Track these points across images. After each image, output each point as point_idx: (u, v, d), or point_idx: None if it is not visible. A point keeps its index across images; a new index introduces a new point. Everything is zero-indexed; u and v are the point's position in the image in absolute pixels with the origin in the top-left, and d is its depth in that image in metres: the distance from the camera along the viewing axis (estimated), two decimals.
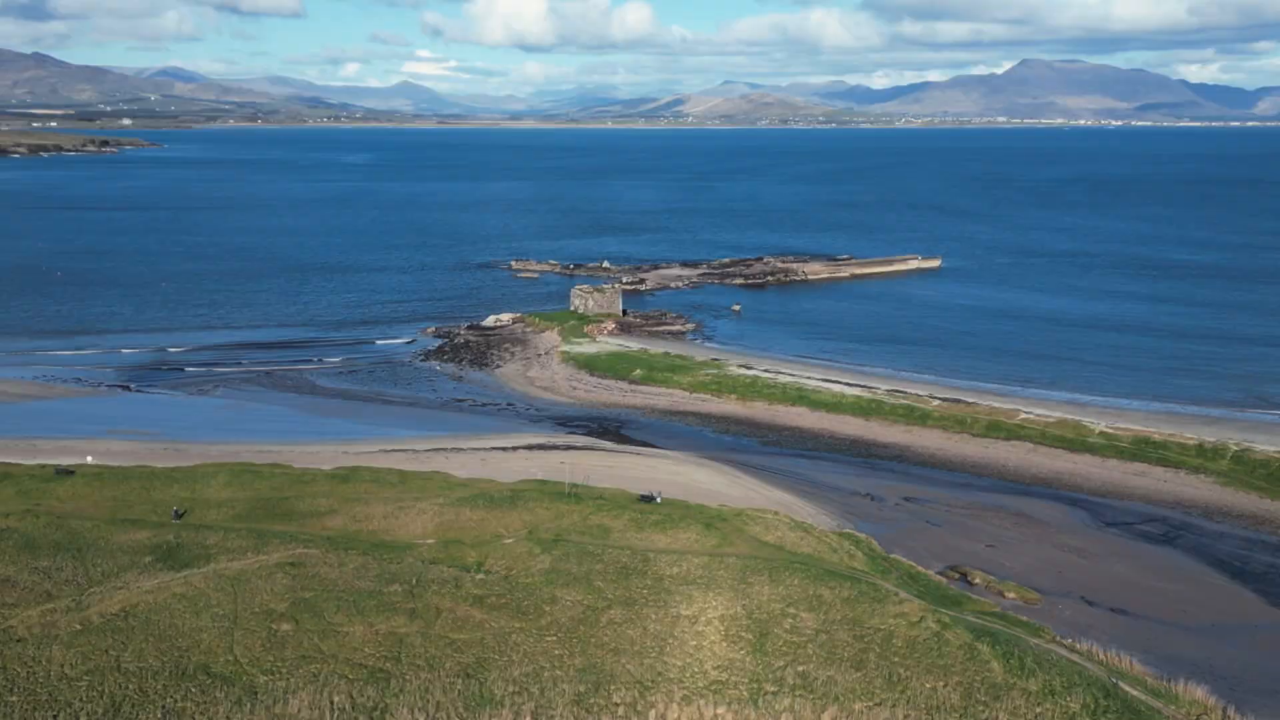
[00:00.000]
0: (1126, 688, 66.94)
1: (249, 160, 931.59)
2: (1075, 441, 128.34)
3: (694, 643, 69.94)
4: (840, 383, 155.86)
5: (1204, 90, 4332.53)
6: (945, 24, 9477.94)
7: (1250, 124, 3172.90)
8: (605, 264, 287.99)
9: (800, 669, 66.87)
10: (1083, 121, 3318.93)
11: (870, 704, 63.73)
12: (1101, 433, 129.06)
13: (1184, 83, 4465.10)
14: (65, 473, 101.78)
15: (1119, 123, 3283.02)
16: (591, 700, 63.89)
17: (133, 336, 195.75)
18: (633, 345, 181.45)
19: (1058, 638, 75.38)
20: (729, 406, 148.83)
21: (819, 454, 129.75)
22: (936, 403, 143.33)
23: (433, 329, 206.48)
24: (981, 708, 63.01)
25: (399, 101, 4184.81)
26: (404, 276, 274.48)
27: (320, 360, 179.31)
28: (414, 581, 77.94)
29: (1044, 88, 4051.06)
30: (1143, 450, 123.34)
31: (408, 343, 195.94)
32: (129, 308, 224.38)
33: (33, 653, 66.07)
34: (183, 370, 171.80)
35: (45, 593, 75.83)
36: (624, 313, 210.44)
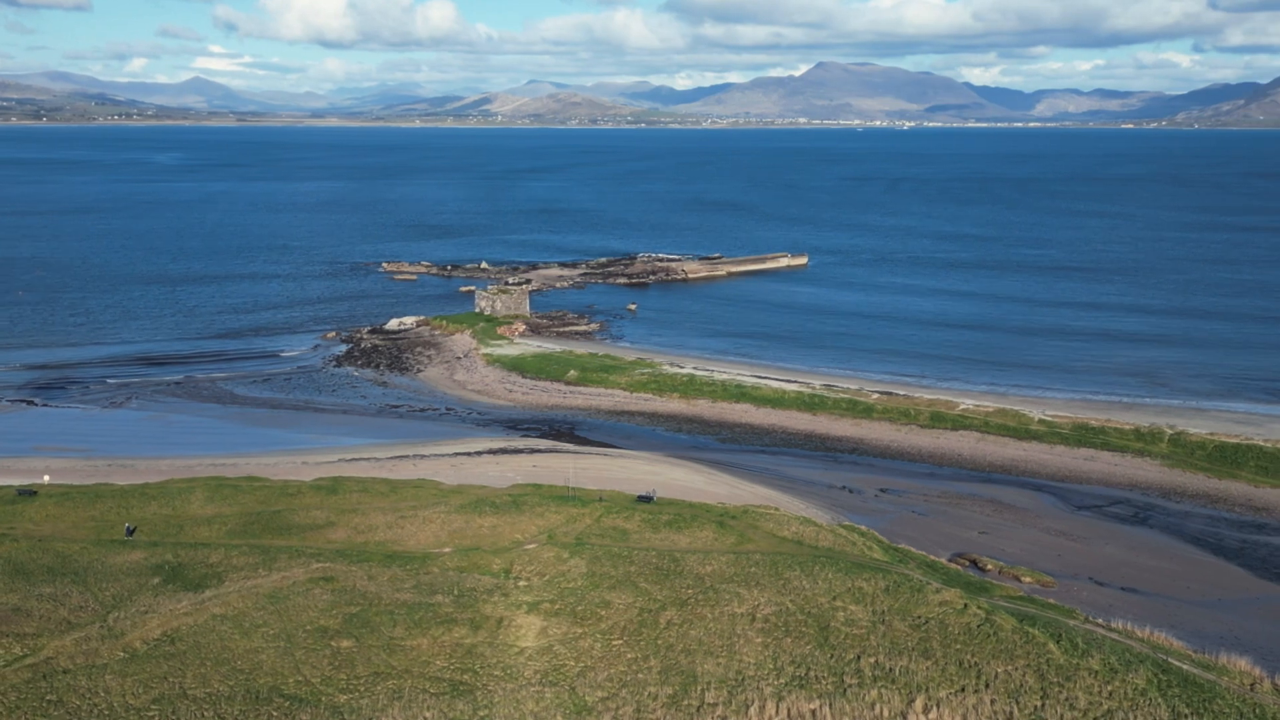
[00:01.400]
0: (1175, 662, 69.99)
1: (53, 160, 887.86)
2: (1019, 430, 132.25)
3: (760, 639, 69.95)
4: (773, 379, 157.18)
5: (987, 92, 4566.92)
6: (745, 26, 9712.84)
7: (1031, 124, 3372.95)
8: (483, 265, 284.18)
9: (872, 660, 67.48)
10: (878, 122, 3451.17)
11: (952, 690, 64.70)
12: (1041, 420, 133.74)
13: (969, 85, 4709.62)
14: (27, 493, 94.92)
15: (912, 123, 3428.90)
16: (685, 701, 63.22)
17: (16, 353, 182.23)
18: (554, 346, 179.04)
19: (1090, 618, 78.01)
20: (674, 405, 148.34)
21: (778, 449, 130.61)
22: (875, 396, 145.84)
23: (333, 334, 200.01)
24: (1057, 688, 64.59)
25: (191, 98, 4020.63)
26: (279, 282, 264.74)
27: (206, 375, 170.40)
28: (456, 592, 75.82)
29: (840, 90, 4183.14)
30: (1085, 436, 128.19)
31: (313, 349, 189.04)
32: None
33: (85, 684, 61.92)
34: (86, 384, 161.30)
35: (64, 620, 71.00)
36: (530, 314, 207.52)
